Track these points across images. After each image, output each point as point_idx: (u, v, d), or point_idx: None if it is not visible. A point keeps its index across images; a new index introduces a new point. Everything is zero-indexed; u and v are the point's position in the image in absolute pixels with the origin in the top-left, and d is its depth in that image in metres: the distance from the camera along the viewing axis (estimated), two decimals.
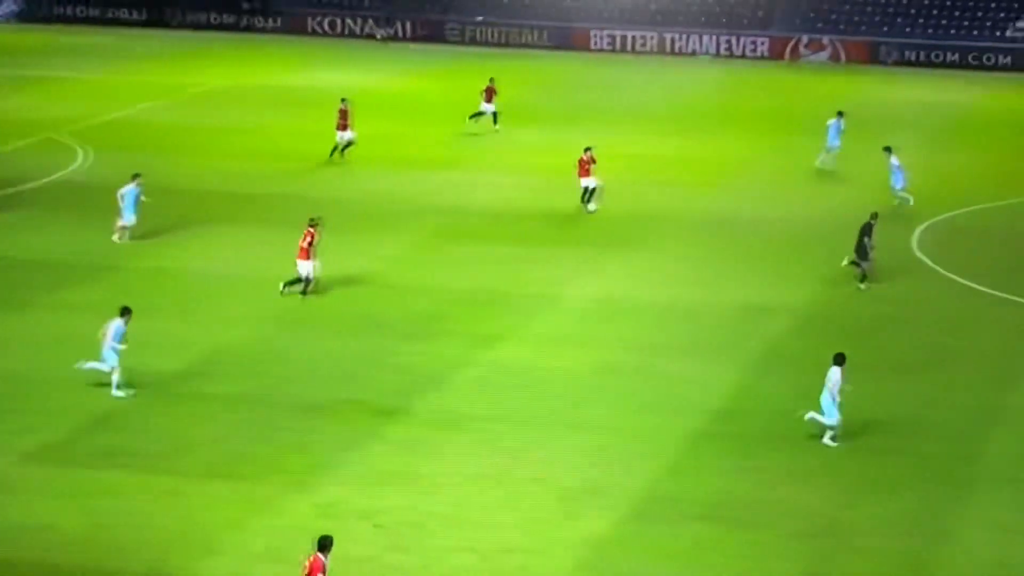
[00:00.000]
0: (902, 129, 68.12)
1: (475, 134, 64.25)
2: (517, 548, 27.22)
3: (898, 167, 52.57)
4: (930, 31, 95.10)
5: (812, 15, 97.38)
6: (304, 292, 41.43)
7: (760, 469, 30.94)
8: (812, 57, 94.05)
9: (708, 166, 60.34)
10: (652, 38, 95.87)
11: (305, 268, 41.33)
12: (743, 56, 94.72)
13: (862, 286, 43.52)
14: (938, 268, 46.04)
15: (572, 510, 28.80)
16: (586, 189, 51.83)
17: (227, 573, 26.39)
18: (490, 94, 66.54)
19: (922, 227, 50.95)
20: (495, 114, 66.06)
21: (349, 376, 35.21)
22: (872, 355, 37.95)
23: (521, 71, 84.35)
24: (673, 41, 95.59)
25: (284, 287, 41.45)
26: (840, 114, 60.24)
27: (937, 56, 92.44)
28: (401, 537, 27.61)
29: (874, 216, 44.83)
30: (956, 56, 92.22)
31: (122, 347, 33.79)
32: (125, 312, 34.38)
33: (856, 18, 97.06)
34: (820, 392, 32.08)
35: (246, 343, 38.28)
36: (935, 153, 62.08)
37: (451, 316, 40.62)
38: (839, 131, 59.38)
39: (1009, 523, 28.70)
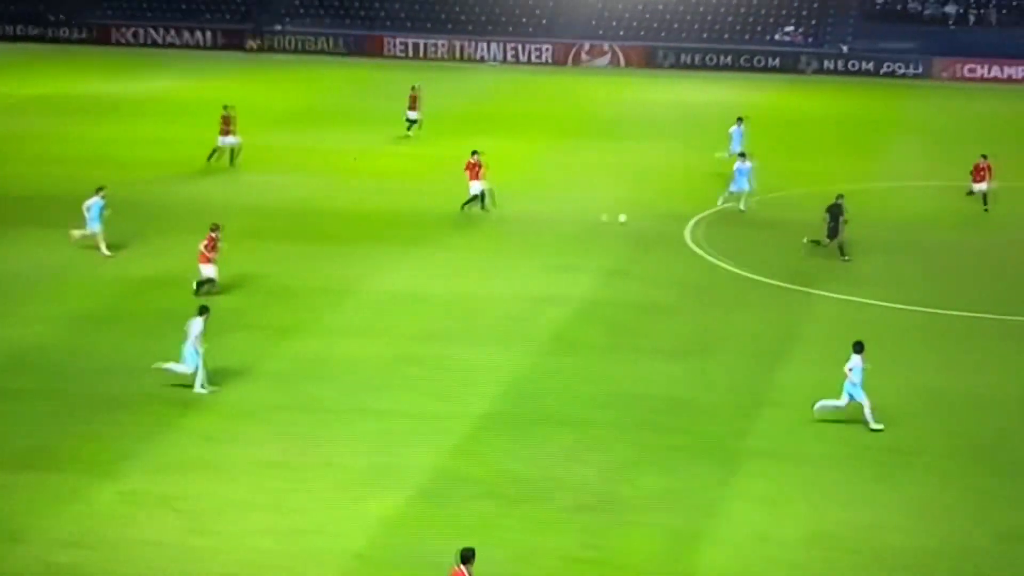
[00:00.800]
0: (679, 128, 69.30)
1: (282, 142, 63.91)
2: (311, 529, 27.17)
3: (742, 171, 52.76)
4: (704, 36, 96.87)
5: (593, 22, 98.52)
6: (199, 292, 41.11)
7: (541, 448, 31.18)
8: (594, 62, 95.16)
9: (495, 166, 60.65)
10: (443, 44, 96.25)
11: (208, 271, 41.30)
12: (528, 62, 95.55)
13: (845, 257, 46.15)
14: (709, 257, 46.91)
15: (363, 492, 28.81)
16: (481, 192, 51.81)
17: (32, 559, 25.96)
18: (413, 102, 66.53)
19: (695, 219, 51.92)
20: (416, 122, 66.55)
21: (151, 371, 34.79)
22: (647, 339, 38.61)
23: (319, 77, 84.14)
24: (463, 47, 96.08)
25: (197, 289, 41.20)
26: (740, 120, 60.67)
27: (711, 59, 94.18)
28: (200, 522, 27.40)
29: (840, 196, 46.72)
30: (729, 59, 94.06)
31: (203, 347, 33.51)
32: (204, 311, 34.02)
33: (635, 24, 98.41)
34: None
35: (50, 341, 37.65)
36: (709, 150, 63.09)
37: (249, 311, 40.39)
38: (741, 136, 59.60)
39: (771, 495, 29.25)
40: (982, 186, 51.96)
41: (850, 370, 32.50)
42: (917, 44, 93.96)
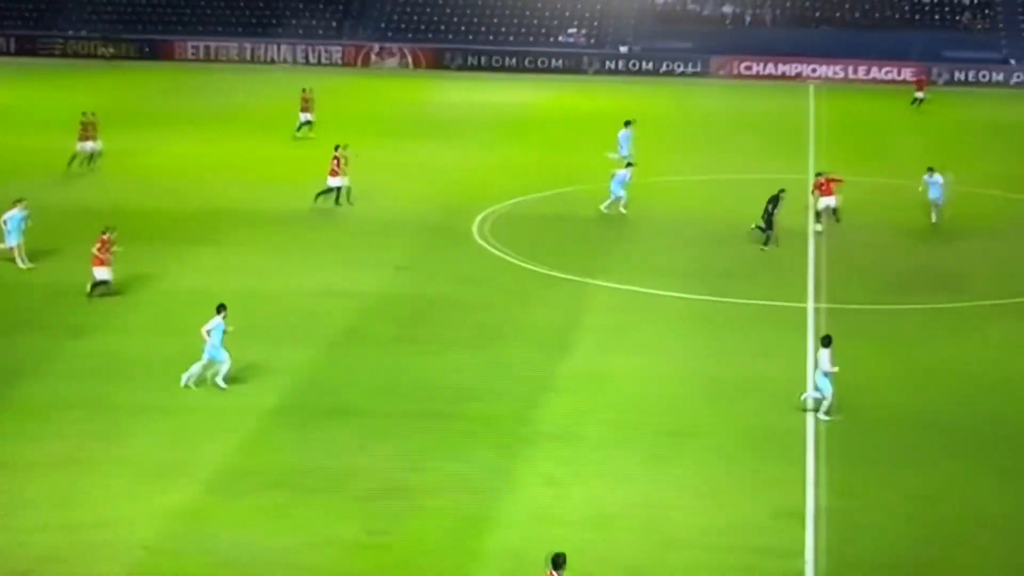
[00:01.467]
0: (468, 127, 69.59)
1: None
2: (100, 523, 26.70)
3: (622, 178, 52.60)
4: (491, 38, 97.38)
5: (383, 25, 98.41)
6: (92, 294, 40.59)
7: (332, 439, 31.08)
8: (384, 64, 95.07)
9: (285, 165, 60.44)
10: (234, 48, 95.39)
11: (101, 273, 40.64)
12: (319, 63, 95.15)
13: (764, 247, 47.30)
14: (495, 251, 47.19)
15: (155, 487, 28.39)
16: (339, 188, 51.91)
17: None
18: (306, 103, 66.37)
19: (481, 215, 52.21)
20: (309, 123, 66.27)
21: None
22: (437, 332, 38.69)
23: (114, 80, 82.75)
24: (254, 50, 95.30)
25: (91, 292, 40.54)
26: (628, 123, 60.72)
27: (497, 61, 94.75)
28: None
29: (782, 191, 47.85)
30: (515, 60, 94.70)
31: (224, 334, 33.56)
32: (221, 308, 33.74)
33: (423, 27, 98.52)
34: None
35: None
36: (495, 148, 63.50)
37: (43, 310, 39.58)
38: (628, 140, 59.70)
39: (556, 477, 29.55)
40: (829, 201, 51.43)
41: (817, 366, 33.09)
42: (695, 44, 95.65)
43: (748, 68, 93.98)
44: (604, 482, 29.35)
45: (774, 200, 47.98)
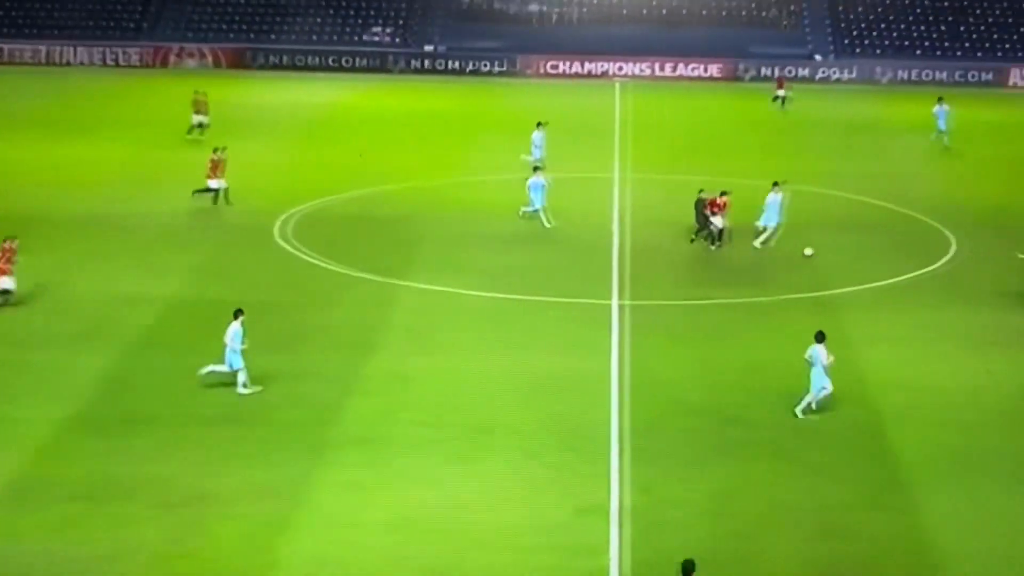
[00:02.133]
0: (270, 128, 69.11)
1: None
2: None
3: (538, 185, 51.94)
4: (294, 37, 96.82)
5: (183, 25, 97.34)
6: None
7: (130, 447, 30.71)
8: (188, 64, 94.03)
9: (81, 169, 59.53)
10: (28, 51, 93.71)
11: (3, 283, 40.18)
12: (117, 65, 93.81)
13: (713, 247, 47.95)
14: (298, 253, 46.98)
15: None
16: (218, 190, 51.85)
17: None
18: (199, 105, 65.76)
19: (283, 216, 51.99)
20: (202, 125, 65.72)
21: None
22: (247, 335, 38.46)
23: None
24: (49, 53, 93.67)
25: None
26: (540, 124, 60.83)
27: (300, 60, 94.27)
28: None
29: (701, 191, 48.70)
30: (319, 59, 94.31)
31: (243, 347, 33.87)
32: (239, 314, 34.25)
33: (226, 27, 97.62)
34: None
35: None
36: (299, 148, 63.23)
37: None
38: (543, 141, 59.81)
39: (359, 481, 29.53)
40: (718, 221, 51.45)
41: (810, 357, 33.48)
42: (502, 43, 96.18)
43: (555, 67, 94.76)
44: (408, 484, 29.42)
45: (700, 204, 48.48)
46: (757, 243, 48.37)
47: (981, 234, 51.06)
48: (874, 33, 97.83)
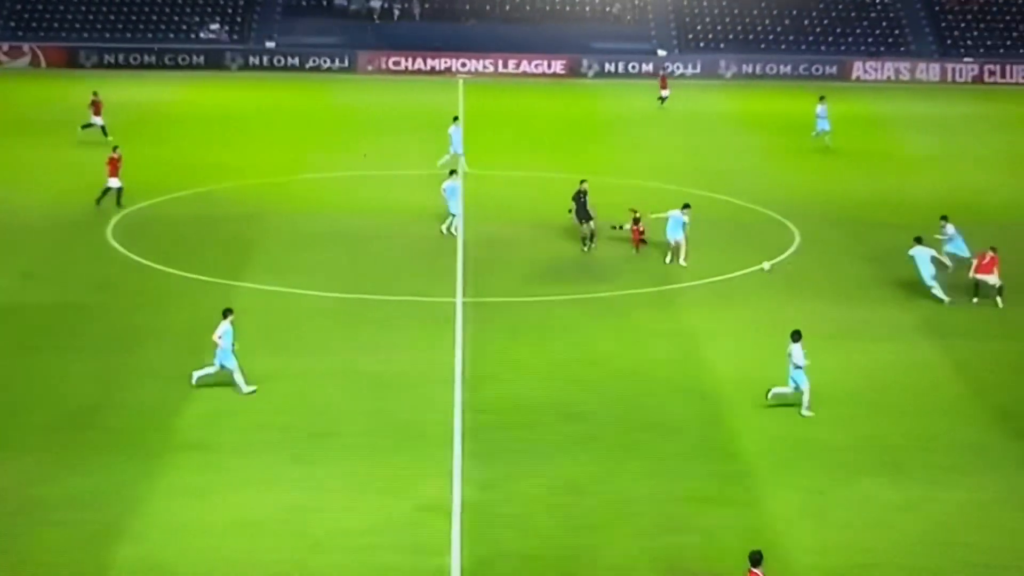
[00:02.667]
0: (108, 128, 68.18)
1: None
2: None
3: (454, 190, 50.84)
4: (128, 35, 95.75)
5: (12, 23, 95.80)
6: None
7: None
8: (13, 64, 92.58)
9: None
10: None
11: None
12: None
13: (585, 248, 48.01)
14: (131, 255, 46.59)
15: None
16: (109, 188, 51.85)
17: None
18: (97, 107, 64.68)
19: (117, 217, 51.60)
20: (94, 126, 64.79)
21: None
22: (67, 340, 38.13)
23: None
24: None
25: None
26: (456, 119, 61.27)
27: (135, 59, 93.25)
28: None
29: (582, 182, 48.35)
30: (153, 58, 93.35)
31: (235, 346, 34.21)
32: (228, 313, 34.50)
33: (55, 25, 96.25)
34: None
35: None
36: (136, 148, 62.44)
37: None
38: (460, 136, 60.05)
39: (197, 486, 29.46)
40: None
41: (789, 355, 33.86)
42: (343, 39, 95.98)
43: (397, 63, 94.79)
44: (247, 488, 29.44)
45: (581, 195, 48.30)
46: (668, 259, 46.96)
47: (824, 227, 52.06)
48: (718, 27, 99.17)
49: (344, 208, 54.31)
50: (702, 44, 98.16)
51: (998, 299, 42.93)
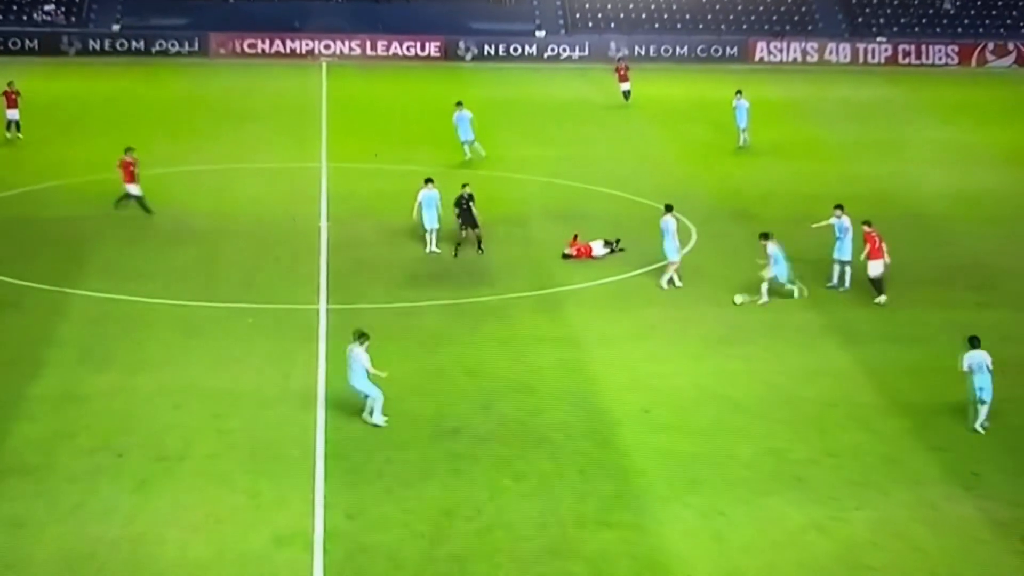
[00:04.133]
0: None
1: None
2: None
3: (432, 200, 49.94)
4: None
5: None
6: None
7: None
8: None
9: None
10: None
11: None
12: None
13: (478, 251, 47.80)
14: None
15: None
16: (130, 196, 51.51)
17: None
18: (12, 100, 64.38)
19: None
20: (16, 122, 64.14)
21: None
22: None
23: None
24: None
25: None
26: (459, 104, 61.94)
27: None
28: None
29: (464, 185, 48.22)
30: None
31: (382, 373, 33.50)
32: (362, 336, 33.51)
33: None
34: None
35: None
36: None
37: None
38: (467, 121, 61.52)
39: (23, 515, 29.03)
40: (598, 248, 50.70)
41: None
42: (191, 19, 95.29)
43: (252, 46, 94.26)
44: (81, 518, 29.02)
45: (463, 200, 47.86)
46: (664, 282, 45.12)
47: (723, 223, 52.36)
48: (608, 6, 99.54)
49: (193, 206, 53.86)
50: (590, 24, 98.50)
51: (881, 297, 43.31)
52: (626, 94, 78.20)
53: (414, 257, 47.73)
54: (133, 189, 51.92)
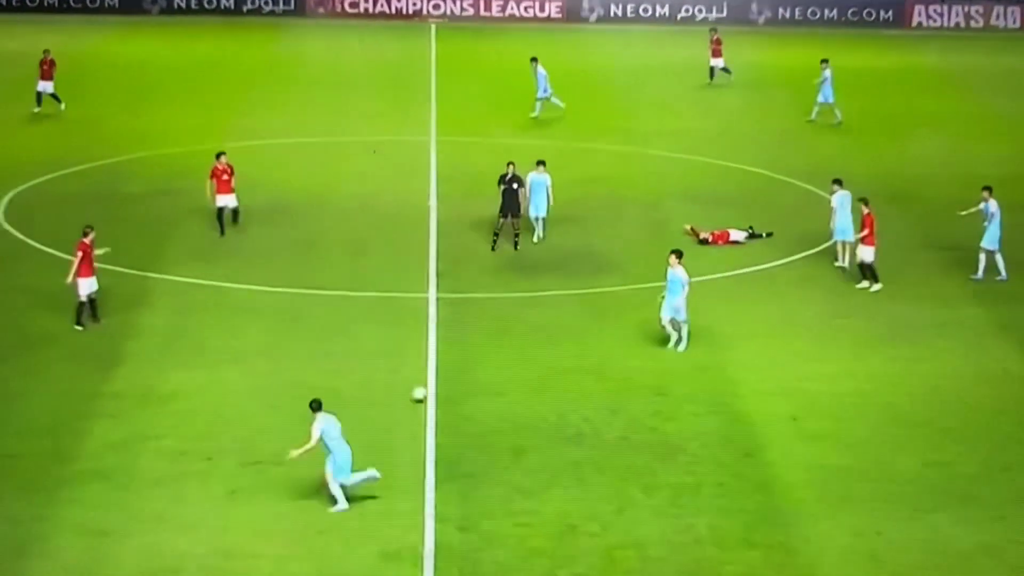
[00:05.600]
0: None
1: None
2: None
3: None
4: None
5: None
6: None
7: None
8: None
9: None
10: None
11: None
12: None
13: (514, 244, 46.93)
14: (29, 241, 46.43)
15: None
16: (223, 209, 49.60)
17: None
18: (47, 69, 64.18)
19: (11, 194, 51.74)
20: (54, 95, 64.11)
21: None
22: None
23: None
24: None
25: None
26: (534, 60, 64.40)
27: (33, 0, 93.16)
28: None
29: (510, 164, 47.13)
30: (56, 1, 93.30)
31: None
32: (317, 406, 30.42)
33: None
34: None
35: None
36: (27, 110, 62.34)
37: None
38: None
39: (103, 524, 29.19)
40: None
41: None
42: None
43: (354, 5, 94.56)
44: (166, 529, 29.15)
45: (511, 180, 47.36)
46: (845, 263, 45.40)
47: (878, 205, 51.71)
48: None
49: (289, 182, 54.10)
50: None
51: (874, 285, 43.18)
52: (712, 71, 75.15)
53: (530, 241, 47.56)
54: (227, 200, 47.93)
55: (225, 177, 47.58)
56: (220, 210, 47.49)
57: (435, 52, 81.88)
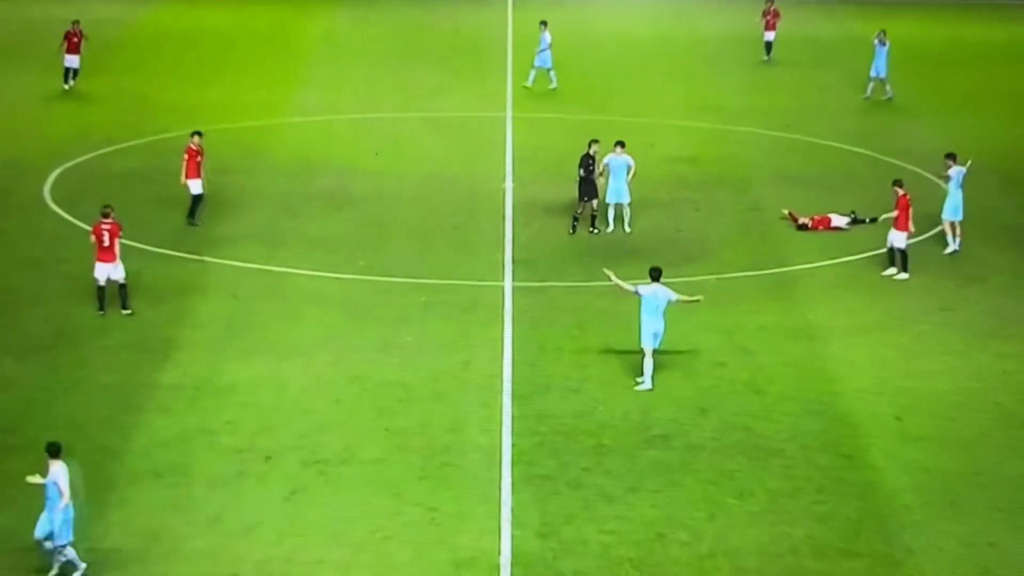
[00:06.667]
0: (46, 54, 68.48)
1: None
2: None
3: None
4: None
5: None
6: None
7: None
8: None
9: None
10: None
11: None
12: None
13: (593, 231, 47.06)
14: (79, 222, 46.58)
15: None
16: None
17: None
18: (74, 43, 64.31)
19: (59, 171, 52.14)
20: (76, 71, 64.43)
21: None
22: None
23: None
24: None
25: None
26: (544, 24, 65.32)
27: None
28: None
29: (594, 142, 47.38)
30: None
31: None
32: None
33: None
34: None
35: None
36: (83, 80, 62.61)
37: None
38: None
39: (160, 526, 29.33)
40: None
41: None
42: None
43: None
44: (223, 533, 29.27)
45: (587, 161, 47.19)
46: (957, 246, 45.85)
47: (989, 191, 51.48)
48: None
49: (354, 161, 54.24)
50: None
51: (901, 274, 43.35)
52: (769, 46, 74.22)
53: (602, 230, 47.51)
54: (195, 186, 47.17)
55: (199, 159, 46.62)
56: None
57: (511, 23, 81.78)
